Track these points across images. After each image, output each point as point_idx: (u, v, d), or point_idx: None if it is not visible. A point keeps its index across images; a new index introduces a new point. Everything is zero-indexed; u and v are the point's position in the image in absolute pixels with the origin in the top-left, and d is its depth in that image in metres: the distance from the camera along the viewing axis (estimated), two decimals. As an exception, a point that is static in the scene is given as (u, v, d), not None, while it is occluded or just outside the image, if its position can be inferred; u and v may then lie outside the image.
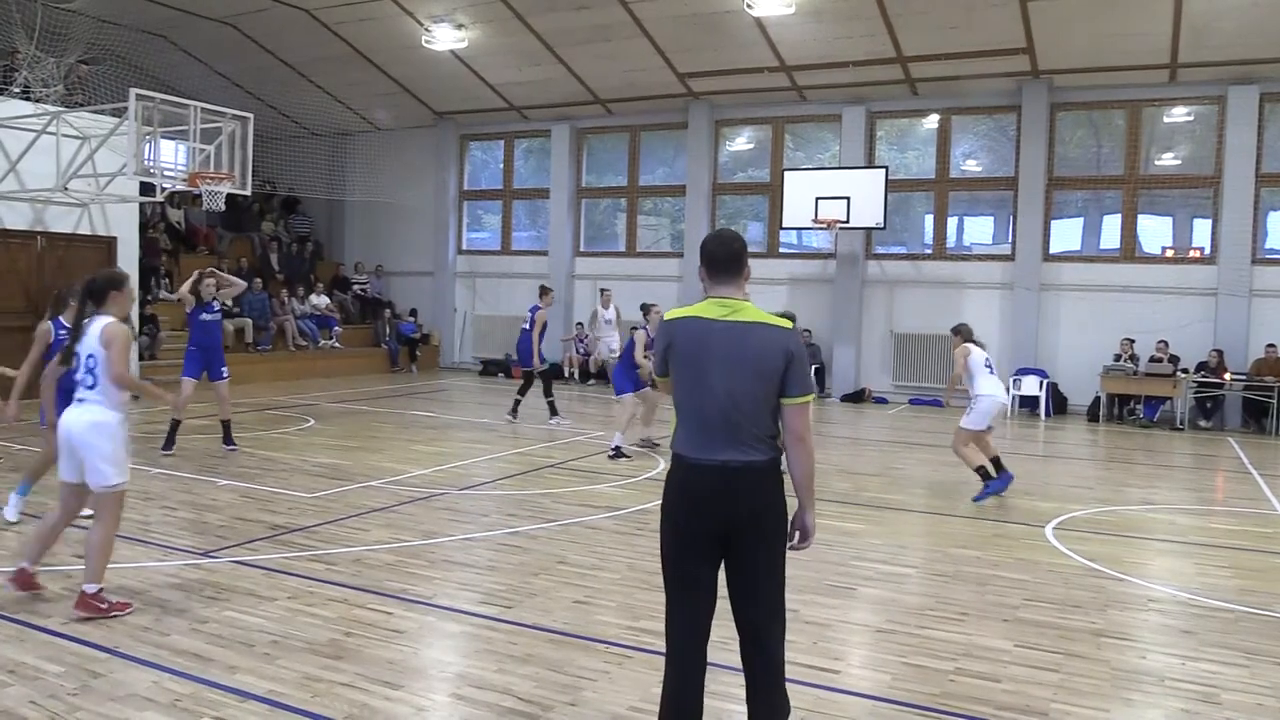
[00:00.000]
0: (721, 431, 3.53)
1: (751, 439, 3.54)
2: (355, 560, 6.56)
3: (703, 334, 3.57)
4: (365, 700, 4.33)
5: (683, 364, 3.60)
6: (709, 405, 3.54)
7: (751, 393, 3.53)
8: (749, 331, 3.56)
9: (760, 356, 3.53)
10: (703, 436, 3.56)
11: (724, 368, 3.53)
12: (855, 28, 16.12)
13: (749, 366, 3.52)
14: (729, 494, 3.52)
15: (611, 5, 16.61)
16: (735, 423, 3.52)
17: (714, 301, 3.65)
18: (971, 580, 6.52)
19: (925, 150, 18.60)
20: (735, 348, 3.54)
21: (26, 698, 4.26)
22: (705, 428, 3.56)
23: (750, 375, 3.53)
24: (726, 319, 3.58)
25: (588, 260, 21.26)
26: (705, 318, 3.60)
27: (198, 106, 13.14)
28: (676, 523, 3.62)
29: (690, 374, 3.58)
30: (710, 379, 3.54)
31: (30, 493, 7.73)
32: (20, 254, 14.73)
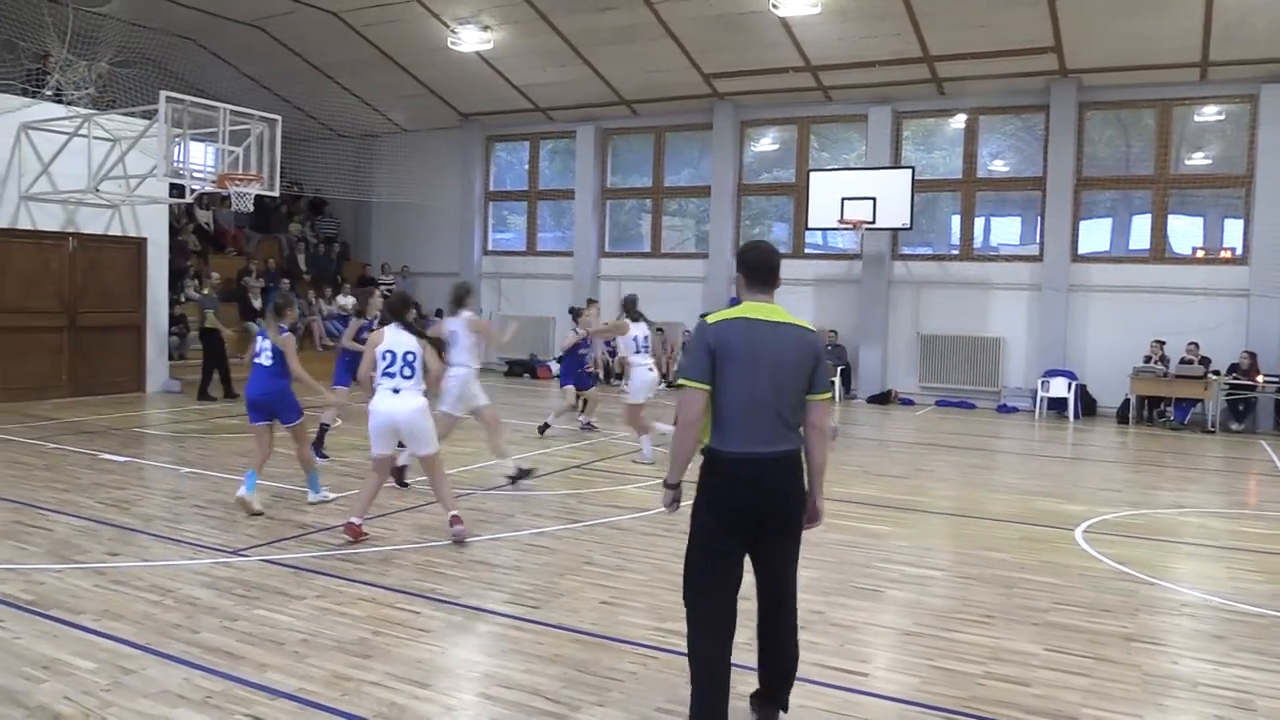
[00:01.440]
0: (768, 425, 3.87)
1: (789, 431, 3.92)
2: (383, 560, 6.59)
3: (751, 334, 3.89)
4: (394, 699, 4.35)
5: (733, 363, 3.85)
6: (758, 401, 3.86)
7: (792, 388, 3.91)
8: (787, 332, 3.93)
9: (798, 355, 3.91)
10: (750, 430, 3.86)
11: (769, 366, 3.87)
12: (881, 27, 16.05)
13: (789, 365, 3.90)
14: (772, 481, 3.90)
15: (636, 6, 16.62)
16: (779, 416, 3.89)
17: (753, 305, 3.98)
18: (999, 583, 6.47)
19: (952, 150, 18.49)
20: (778, 347, 3.89)
21: (61, 693, 4.31)
22: (753, 422, 3.86)
23: (791, 372, 3.90)
24: (767, 320, 3.93)
25: (613, 261, 21.27)
26: (751, 318, 3.93)
27: (226, 109, 13.28)
28: (723, 508, 3.90)
29: (740, 372, 3.85)
30: (759, 376, 3.86)
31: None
32: (53, 254, 14.93)
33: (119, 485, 8.92)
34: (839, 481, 9.77)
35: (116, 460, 10.10)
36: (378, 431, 7.06)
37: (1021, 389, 17.36)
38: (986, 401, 17.55)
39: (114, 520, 7.54)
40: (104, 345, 15.54)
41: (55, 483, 8.90)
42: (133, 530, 7.26)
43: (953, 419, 16.12)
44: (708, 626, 3.94)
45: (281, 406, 8.18)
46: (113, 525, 7.39)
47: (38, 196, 14.49)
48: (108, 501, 8.20)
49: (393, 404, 6.94)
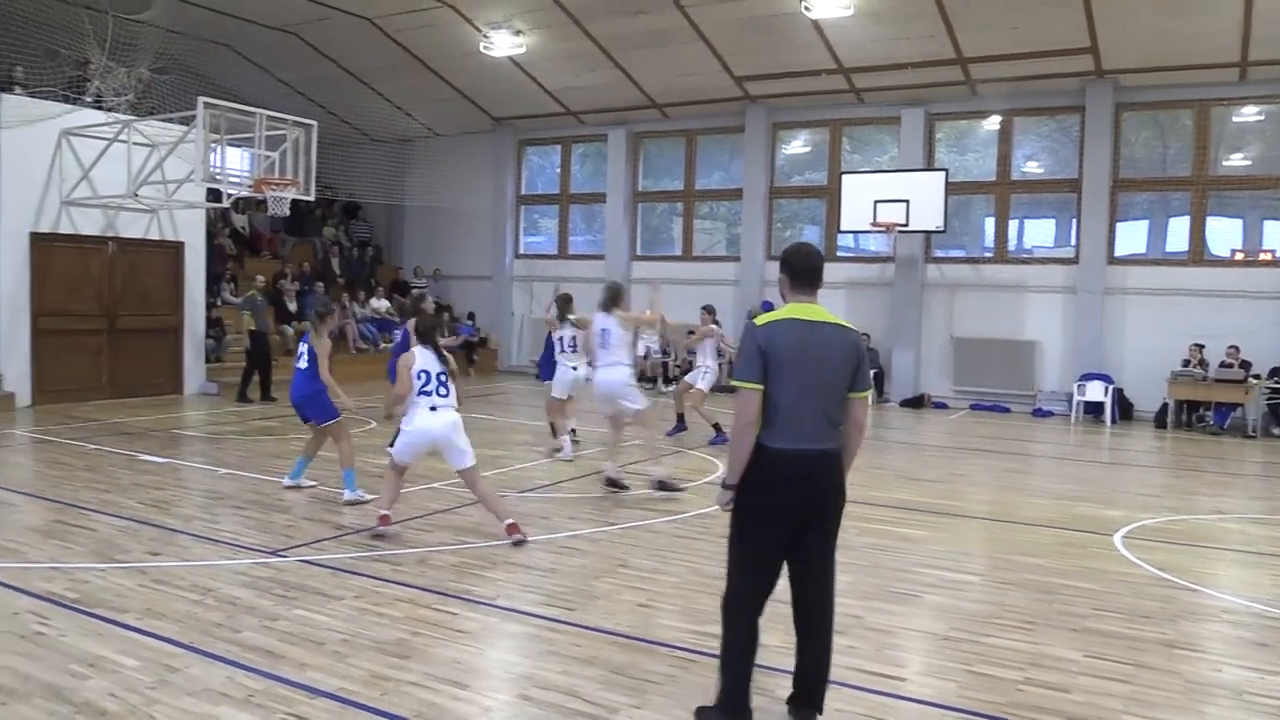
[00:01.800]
0: (814, 422, 4.00)
1: (833, 428, 4.06)
2: (419, 561, 6.64)
3: (798, 335, 4.01)
4: (433, 699, 4.38)
5: (782, 363, 3.97)
6: (805, 399, 3.98)
7: (836, 386, 4.05)
8: (831, 332, 4.07)
9: (842, 354, 4.05)
10: (798, 427, 3.98)
11: (816, 365, 4.00)
12: (914, 29, 15.97)
13: (836, 363, 4.03)
14: (817, 477, 4.03)
15: (668, 9, 16.64)
16: (825, 414, 4.02)
17: (799, 307, 4.11)
18: (1037, 589, 6.42)
19: (986, 152, 18.36)
20: (824, 346, 4.03)
21: (106, 690, 4.38)
22: (801, 419, 3.99)
23: (835, 371, 4.04)
24: (813, 320, 4.06)
25: (644, 264, 21.29)
26: (798, 319, 4.05)
27: (262, 114, 13.41)
28: (768, 501, 4.02)
29: (789, 371, 3.97)
30: (806, 375, 3.99)
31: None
32: (93, 258, 15.15)
33: (158, 486, 9.04)
34: (873, 485, 9.74)
35: (155, 461, 10.23)
36: (414, 447, 7.31)
37: (1057, 393, 17.20)
38: (1021, 405, 17.40)
39: (154, 520, 7.65)
40: (142, 348, 15.75)
41: (96, 483, 9.04)
42: (173, 530, 7.36)
43: (987, 423, 16.00)
44: (746, 608, 4.12)
45: (313, 407, 8.58)
46: (153, 525, 7.49)
47: (78, 201, 14.72)
48: (148, 502, 8.31)
49: (430, 421, 7.15)
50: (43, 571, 6.18)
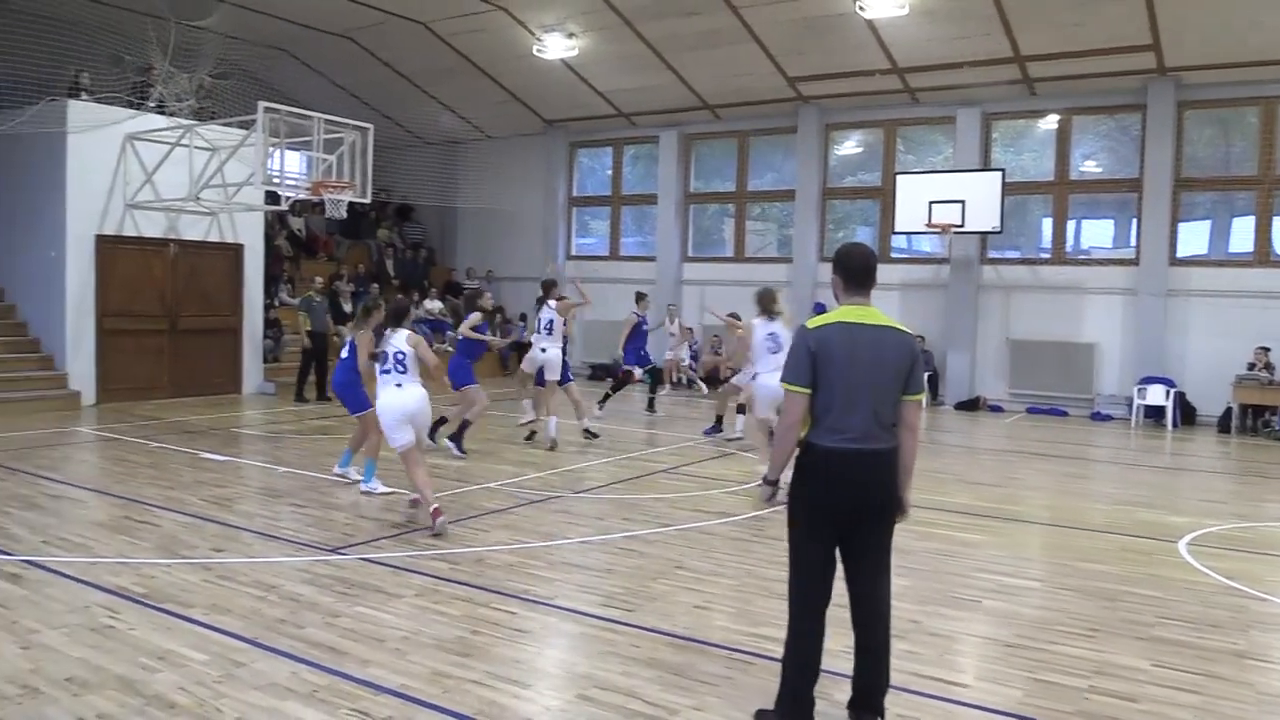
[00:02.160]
0: (864, 423, 3.99)
1: (884, 430, 4.04)
2: (477, 560, 6.68)
3: (849, 338, 4.02)
4: (494, 698, 4.41)
5: (832, 365, 3.99)
6: (855, 401, 3.98)
7: (888, 389, 4.03)
8: (885, 334, 4.06)
9: (895, 357, 4.04)
10: (847, 427, 3.98)
11: (869, 367, 4.00)
12: (971, 27, 15.79)
13: (888, 365, 4.02)
14: (866, 475, 4.02)
15: (721, 10, 16.61)
16: (875, 416, 4.00)
17: (851, 308, 4.12)
18: (1100, 595, 6.30)
19: (1043, 152, 18.09)
20: (877, 349, 4.02)
21: (176, 684, 4.46)
22: (850, 420, 3.98)
23: (889, 373, 4.03)
24: (866, 323, 4.06)
25: (696, 266, 21.28)
26: (850, 322, 4.06)
27: (321, 118, 13.60)
28: (817, 500, 4.05)
29: (841, 373, 3.99)
30: (859, 376, 3.99)
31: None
32: (155, 260, 15.47)
33: (220, 483, 9.19)
34: (929, 489, 9.62)
35: (216, 459, 10.42)
36: (394, 423, 7.70)
37: (1116, 396, 16.90)
38: (1079, 409, 17.12)
39: (217, 517, 7.78)
40: (203, 348, 16.05)
41: (160, 480, 9.22)
42: (235, 527, 7.48)
43: (1044, 426, 15.75)
44: (805, 606, 4.10)
45: (346, 396, 9.15)
46: (216, 522, 7.63)
47: (141, 204, 15.04)
48: (210, 499, 8.46)
49: (397, 397, 7.70)
50: (111, 566, 6.32)
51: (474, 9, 17.70)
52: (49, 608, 5.46)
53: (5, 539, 6.93)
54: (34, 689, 4.35)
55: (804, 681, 4.09)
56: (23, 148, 14.33)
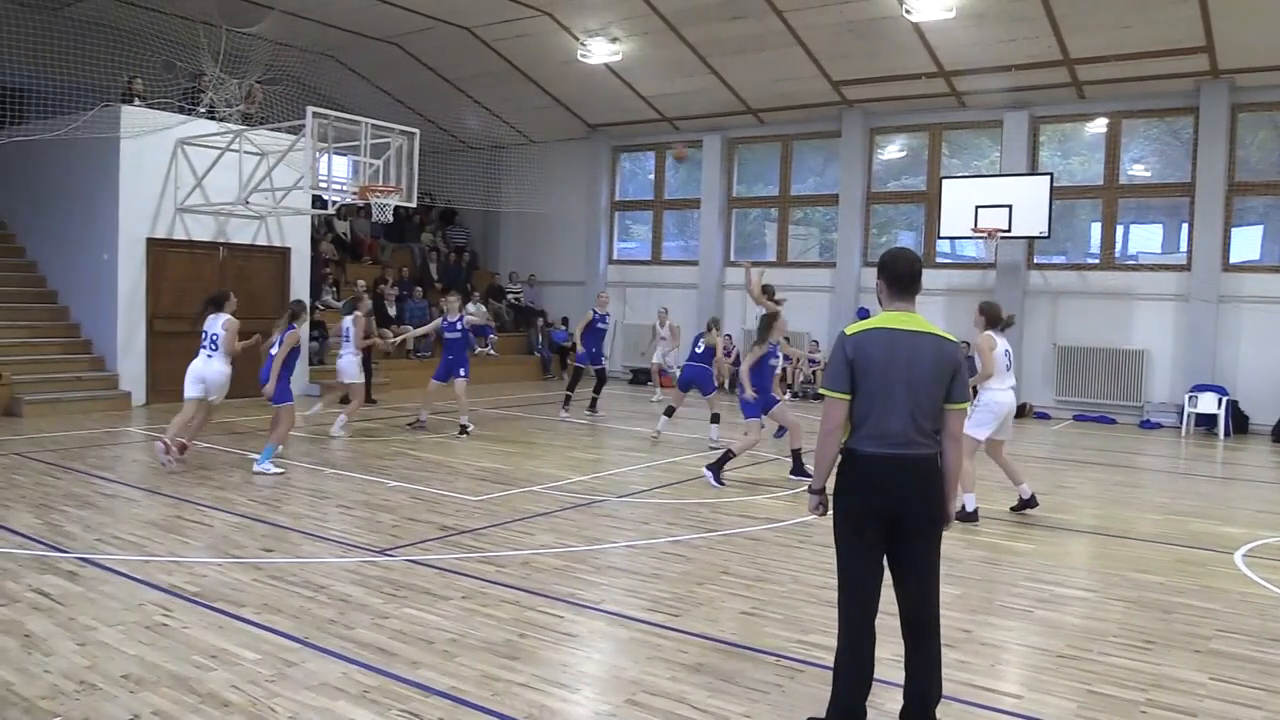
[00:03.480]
0: (904, 430, 3.96)
1: (925, 437, 4.01)
2: (523, 563, 6.70)
3: (890, 344, 4.00)
4: (544, 702, 4.41)
5: (871, 372, 3.97)
6: (895, 408, 3.96)
7: (929, 397, 4.00)
8: (925, 342, 4.03)
9: (937, 364, 4.01)
10: (887, 434, 3.96)
11: (910, 373, 3.97)
12: (1019, 30, 15.61)
13: (928, 372, 4.00)
14: (907, 480, 3.98)
15: (766, 15, 16.56)
16: (915, 423, 3.98)
17: (893, 314, 4.10)
18: (1155, 607, 6.19)
19: (1091, 156, 17.84)
20: (918, 355, 4.00)
21: (229, 682, 4.51)
22: (890, 427, 3.96)
23: (931, 380, 4.00)
24: (907, 329, 4.03)
25: (738, 270, 21.19)
26: (891, 328, 4.04)
27: (368, 123, 13.72)
28: (858, 507, 4.02)
29: (880, 380, 3.97)
30: (899, 382, 3.96)
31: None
32: (204, 263, 15.68)
33: (268, 484, 9.30)
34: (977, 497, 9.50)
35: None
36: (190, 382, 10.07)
37: (1166, 404, 16.61)
38: (1128, 417, 16.85)
39: (266, 518, 7.87)
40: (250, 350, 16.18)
41: (209, 480, 9.35)
42: (284, 528, 7.56)
43: (1093, 434, 15.51)
44: (853, 613, 4.04)
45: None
46: (265, 522, 7.71)
47: (191, 208, 15.26)
48: (258, 500, 8.55)
49: (204, 366, 10.07)
50: (164, 565, 6.41)
51: (518, 14, 17.80)
52: (105, 605, 5.55)
53: (61, 537, 7.06)
54: (91, 685, 4.42)
55: (856, 691, 4.05)
56: (78, 152, 14.61)
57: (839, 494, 4.08)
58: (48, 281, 15.96)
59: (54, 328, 15.28)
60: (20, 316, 14.94)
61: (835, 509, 4.12)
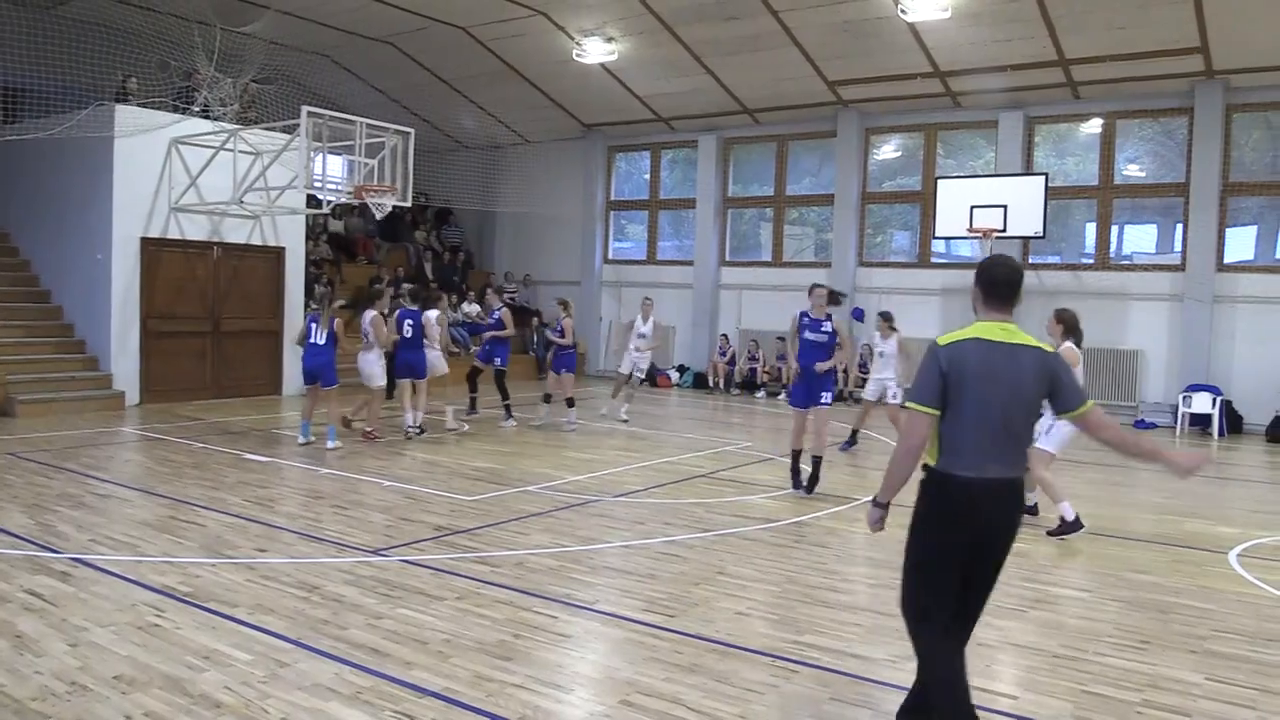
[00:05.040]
0: (1001, 450, 3.76)
1: (1019, 455, 3.83)
2: (518, 564, 6.68)
3: (986, 357, 3.76)
4: (538, 702, 4.39)
5: (966, 386, 3.74)
6: (991, 426, 3.74)
7: (1026, 414, 3.82)
8: (1024, 355, 3.79)
9: (1035, 378, 3.79)
10: (984, 455, 3.75)
11: (1005, 391, 3.75)
12: (1014, 30, 15.62)
13: (1026, 390, 3.78)
14: (1001, 507, 3.82)
15: (761, 15, 16.55)
16: (1011, 442, 3.79)
17: (989, 324, 3.85)
18: (1151, 607, 6.19)
19: (1086, 156, 17.86)
20: (1015, 371, 3.76)
21: (221, 683, 4.48)
22: (986, 447, 3.75)
23: (1026, 398, 3.79)
24: (1004, 341, 3.79)
25: (733, 270, 21.23)
26: (988, 339, 3.80)
27: (363, 122, 13.70)
28: (949, 534, 3.80)
29: (974, 396, 3.74)
30: (993, 401, 3.74)
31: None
32: (199, 263, 15.64)
33: (262, 484, 9.27)
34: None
35: (259, 460, 10.51)
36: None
37: (1160, 404, 16.63)
38: (1123, 416, 16.84)
39: (260, 518, 7.84)
40: (244, 349, 16.22)
41: (204, 480, 9.31)
42: (278, 528, 7.53)
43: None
44: (939, 645, 3.87)
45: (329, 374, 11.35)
46: (259, 523, 7.68)
47: (186, 208, 15.22)
48: (253, 500, 8.52)
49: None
50: (156, 565, 6.38)
51: (514, 14, 17.78)
52: (97, 606, 5.52)
53: (54, 537, 7.03)
54: (83, 686, 4.39)
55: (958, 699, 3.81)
56: (71, 152, 14.57)
57: (927, 522, 3.85)
58: (41, 281, 15.90)
59: (47, 327, 15.22)
60: (13, 316, 14.88)
61: (920, 536, 3.89)
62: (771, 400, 18.86)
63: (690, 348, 21.49)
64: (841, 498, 9.31)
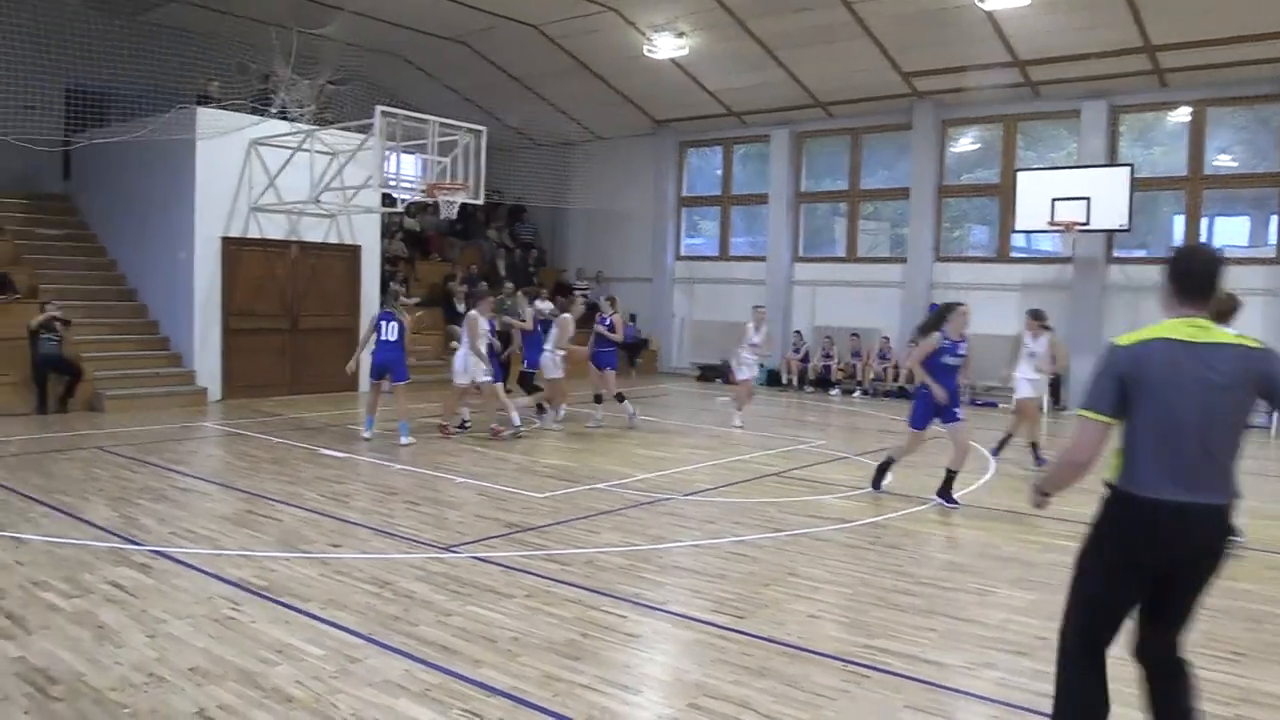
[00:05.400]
0: (1195, 468, 3.32)
1: (1221, 476, 3.36)
2: (587, 562, 6.65)
3: (1174, 358, 3.31)
4: (605, 704, 4.35)
5: (1150, 392, 3.32)
6: (1183, 438, 3.31)
7: (1228, 424, 3.34)
8: (1226, 356, 3.31)
9: (1238, 381, 3.30)
10: (1173, 472, 3.32)
11: (1199, 397, 3.29)
12: (1097, 17, 15.15)
13: (1227, 394, 3.30)
14: (1195, 536, 3.36)
15: (834, 6, 16.31)
16: (1210, 458, 3.33)
17: (1181, 322, 3.38)
18: (1244, 616, 5.92)
19: (1174, 145, 17.26)
20: (1214, 374, 3.29)
21: (293, 677, 4.53)
22: (1177, 463, 3.32)
23: (1232, 405, 3.32)
24: (1199, 340, 3.33)
25: (806, 266, 20.99)
26: (1178, 339, 3.33)
27: (436, 121, 13.82)
28: (1128, 559, 3.43)
29: (1161, 403, 3.32)
30: (1185, 409, 3.30)
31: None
32: (277, 261, 15.96)
33: (338, 479, 9.40)
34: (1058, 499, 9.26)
35: (335, 456, 10.66)
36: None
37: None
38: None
39: (334, 513, 7.94)
40: (321, 346, 16.49)
41: (281, 475, 9.47)
42: (352, 523, 7.62)
43: (1174, 433, 14.98)
44: (1089, 676, 3.59)
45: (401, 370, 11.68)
46: (333, 518, 7.78)
47: (265, 207, 15.54)
48: (328, 495, 8.64)
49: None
50: (234, 559, 6.49)
51: (584, 11, 17.78)
52: (175, 598, 5.63)
53: (136, 529, 7.20)
54: (159, 678, 4.47)
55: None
56: (155, 154, 14.96)
57: (1104, 545, 3.50)
58: (127, 280, 16.39)
59: (134, 325, 15.69)
60: (102, 315, 15.36)
61: (1094, 560, 3.56)
62: (846, 398, 18.62)
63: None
64: (918, 498, 9.12)
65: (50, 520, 7.45)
